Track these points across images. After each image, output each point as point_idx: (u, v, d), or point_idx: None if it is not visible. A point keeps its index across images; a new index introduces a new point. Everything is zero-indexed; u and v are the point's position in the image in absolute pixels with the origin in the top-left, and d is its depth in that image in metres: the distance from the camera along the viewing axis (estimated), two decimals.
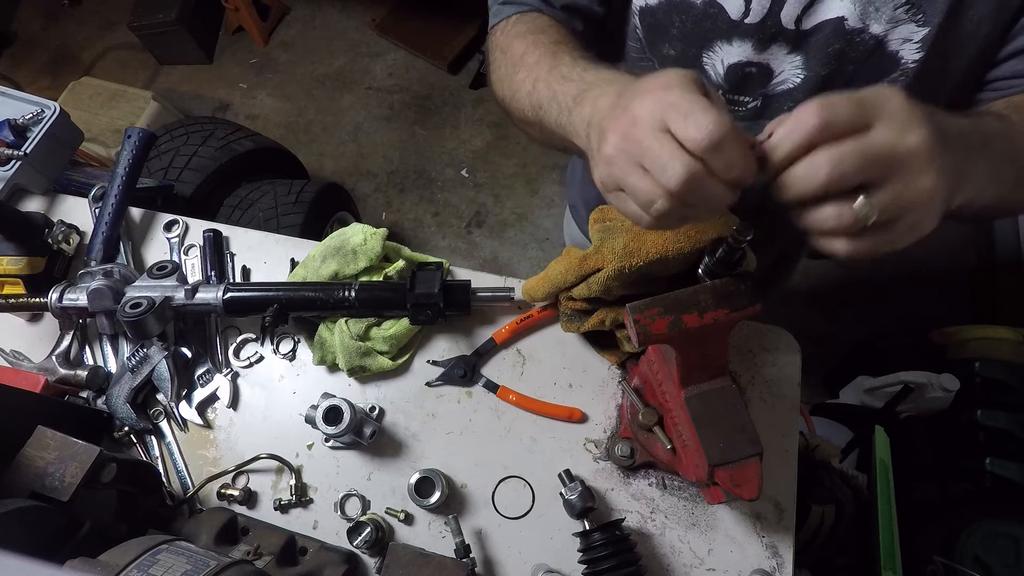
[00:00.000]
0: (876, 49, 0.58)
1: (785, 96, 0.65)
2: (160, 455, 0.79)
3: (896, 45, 0.57)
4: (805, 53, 0.60)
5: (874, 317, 2.01)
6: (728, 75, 0.64)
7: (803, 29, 0.58)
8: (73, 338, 0.84)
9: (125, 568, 0.51)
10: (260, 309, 0.77)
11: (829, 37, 0.58)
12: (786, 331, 0.80)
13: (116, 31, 2.96)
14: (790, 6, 0.57)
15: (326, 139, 2.59)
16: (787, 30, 0.59)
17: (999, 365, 1.44)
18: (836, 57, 0.59)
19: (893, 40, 0.57)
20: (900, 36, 0.56)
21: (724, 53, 0.63)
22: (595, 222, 0.69)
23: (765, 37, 0.60)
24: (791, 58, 0.61)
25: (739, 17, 0.59)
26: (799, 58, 0.61)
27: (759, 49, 0.61)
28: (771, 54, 0.61)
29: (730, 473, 0.57)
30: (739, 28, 0.60)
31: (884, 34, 0.57)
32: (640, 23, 0.66)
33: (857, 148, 0.37)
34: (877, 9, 0.55)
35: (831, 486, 1.04)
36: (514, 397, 0.78)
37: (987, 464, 1.35)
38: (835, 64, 0.60)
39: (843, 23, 0.56)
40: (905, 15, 0.54)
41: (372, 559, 0.71)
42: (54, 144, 0.97)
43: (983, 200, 0.47)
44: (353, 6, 2.85)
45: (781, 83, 0.64)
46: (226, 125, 1.85)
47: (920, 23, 0.55)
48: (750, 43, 0.61)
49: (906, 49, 0.57)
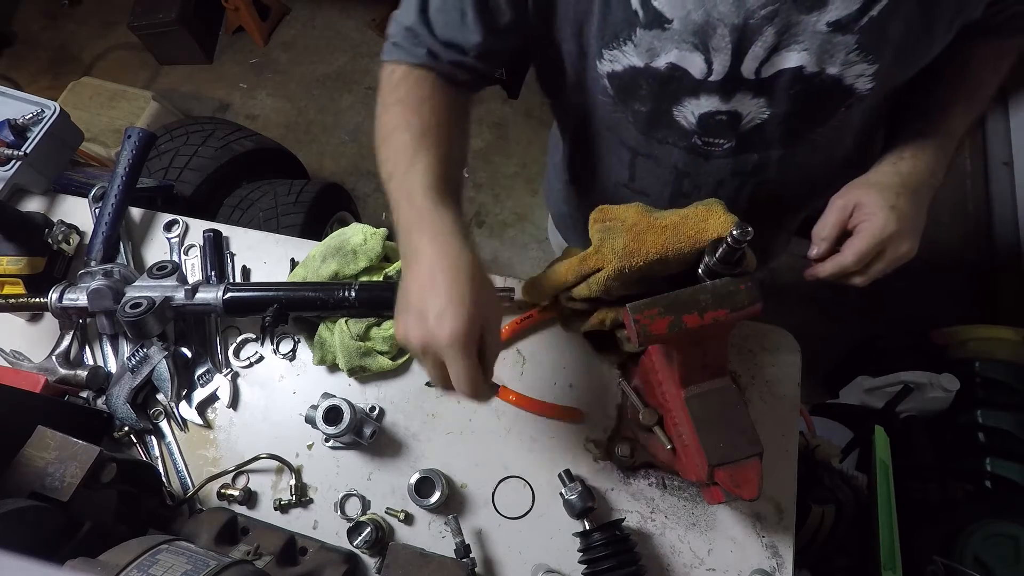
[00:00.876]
0: (833, 85, 0.63)
1: (755, 131, 0.70)
2: (160, 455, 0.79)
3: (851, 80, 0.62)
4: (768, 96, 0.65)
5: (874, 317, 2.01)
6: (700, 123, 0.69)
7: (763, 78, 0.63)
8: (73, 338, 0.84)
9: (125, 568, 0.51)
10: (260, 309, 0.77)
11: (789, 81, 0.62)
12: (786, 331, 0.80)
13: (116, 31, 2.96)
14: (748, 62, 0.61)
15: (326, 139, 2.58)
16: (748, 80, 0.63)
17: (999, 365, 1.44)
18: (798, 96, 0.64)
19: (848, 76, 0.62)
20: (854, 73, 0.61)
21: (692, 107, 0.67)
22: (595, 222, 0.69)
23: (729, 89, 0.64)
24: (756, 101, 0.66)
25: (702, 77, 0.63)
26: (763, 99, 0.65)
27: (725, 100, 0.66)
28: (737, 101, 0.66)
29: (730, 473, 0.57)
30: (704, 85, 0.64)
31: (840, 73, 0.61)
32: (609, 84, 0.69)
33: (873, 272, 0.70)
34: (831, 56, 0.59)
35: (831, 486, 1.04)
36: (514, 397, 0.78)
37: (987, 464, 1.35)
38: (798, 102, 0.65)
39: (802, 70, 0.61)
40: (857, 57, 0.59)
41: (372, 559, 0.71)
42: (54, 144, 0.97)
43: None
44: (353, 6, 2.85)
45: (749, 122, 0.68)
46: (226, 125, 1.84)
47: (871, 61, 0.60)
48: (716, 96, 0.65)
49: (860, 82, 0.63)
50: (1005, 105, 2.18)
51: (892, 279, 0.68)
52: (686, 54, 0.61)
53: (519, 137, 2.48)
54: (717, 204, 0.65)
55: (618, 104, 0.71)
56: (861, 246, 0.65)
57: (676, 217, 0.64)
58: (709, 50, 0.60)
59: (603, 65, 0.66)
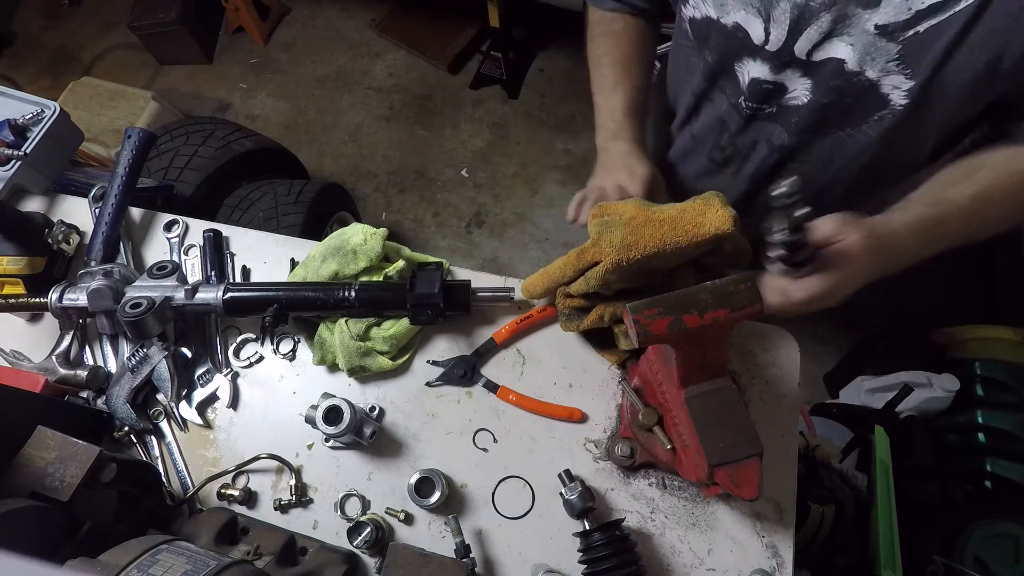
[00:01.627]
0: (870, 90, 0.67)
1: (794, 110, 0.76)
2: (160, 455, 0.79)
3: (887, 89, 0.66)
4: (814, 79, 0.70)
5: (874, 317, 2.01)
6: (750, 86, 0.77)
7: (813, 60, 0.68)
8: (73, 338, 0.84)
9: (125, 568, 0.51)
10: (260, 309, 0.77)
11: (832, 73, 0.67)
12: (786, 331, 0.80)
13: (116, 31, 2.96)
14: (803, 42, 0.67)
15: (326, 139, 2.58)
16: (799, 59, 0.69)
17: (999, 365, 1.44)
18: (836, 90, 0.69)
19: (884, 85, 0.66)
20: (891, 83, 0.65)
21: (749, 67, 0.75)
22: (593, 217, 0.69)
23: (781, 63, 0.71)
24: (803, 80, 0.72)
25: (760, 43, 0.70)
26: (809, 82, 0.71)
27: (776, 71, 0.72)
28: (786, 76, 0.72)
29: (730, 473, 0.57)
30: (760, 51, 0.71)
31: (877, 79, 0.65)
32: (690, 28, 0.79)
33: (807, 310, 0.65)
34: (873, 59, 0.64)
35: (831, 486, 1.05)
36: (514, 397, 0.78)
37: (987, 464, 1.35)
38: (835, 96, 0.70)
39: (843, 65, 0.66)
40: (895, 68, 0.64)
41: (372, 559, 0.71)
42: (54, 144, 0.97)
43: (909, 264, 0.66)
44: (353, 6, 2.85)
45: (793, 99, 0.74)
46: (226, 125, 1.84)
47: (908, 76, 0.64)
48: (769, 65, 0.72)
49: (895, 94, 0.66)
50: None
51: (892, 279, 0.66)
52: (750, 18, 0.69)
53: (519, 137, 2.48)
54: (715, 198, 0.65)
55: (695, 49, 0.81)
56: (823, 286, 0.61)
57: (674, 211, 0.65)
58: (770, 20, 0.67)
59: (687, 10, 0.77)
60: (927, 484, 1.29)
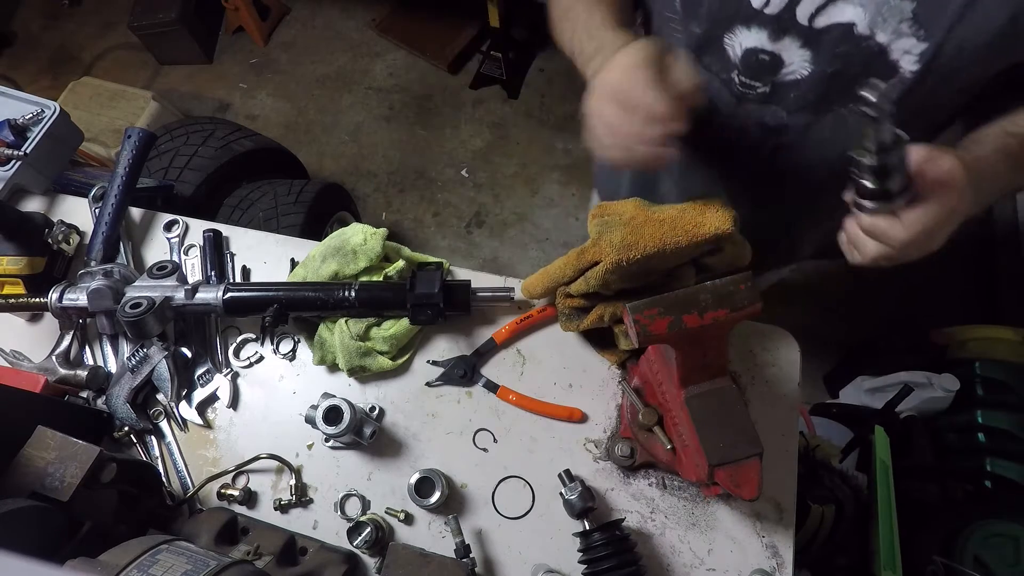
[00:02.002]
0: (879, 56, 0.62)
1: (792, 86, 0.70)
2: (160, 455, 0.79)
3: (897, 55, 0.62)
4: (815, 50, 0.65)
5: (874, 317, 2.01)
6: (743, 58, 0.70)
7: (815, 27, 0.63)
8: (73, 338, 0.84)
9: (125, 568, 0.51)
10: (260, 309, 0.77)
11: (838, 39, 0.63)
12: (786, 331, 0.80)
13: (116, 31, 2.96)
14: (805, 4, 0.62)
15: (326, 139, 2.58)
16: (801, 26, 0.64)
17: (999, 365, 1.44)
18: (842, 58, 0.64)
19: (895, 50, 0.61)
20: (901, 48, 0.61)
21: (742, 37, 0.69)
22: (593, 217, 0.70)
23: (780, 28, 0.65)
24: (802, 52, 0.66)
25: (760, 6, 0.65)
26: (809, 53, 0.66)
27: (773, 39, 0.67)
28: (784, 46, 0.67)
29: (730, 473, 0.57)
30: (758, 16, 0.66)
31: (888, 43, 0.61)
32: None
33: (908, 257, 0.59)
34: (884, 20, 0.59)
35: (831, 486, 1.05)
36: (514, 397, 0.78)
37: (987, 464, 1.35)
38: (840, 64, 0.65)
39: (852, 28, 0.61)
40: (908, 29, 0.59)
41: (372, 559, 0.71)
42: (54, 144, 0.97)
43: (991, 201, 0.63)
44: (353, 6, 2.85)
45: (790, 73, 0.69)
46: (226, 125, 1.84)
47: (921, 38, 0.59)
48: (766, 32, 0.66)
49: (905, 60, 0.62)
50: None
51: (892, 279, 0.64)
52: None
53: (519, 137, 2.48)
54: (715, 198, 0.65)
55: (680, 21, 0.74)
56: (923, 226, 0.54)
57: (674, 211, 0.65)
58: None
59: None
60: (927, 484, 1.29)
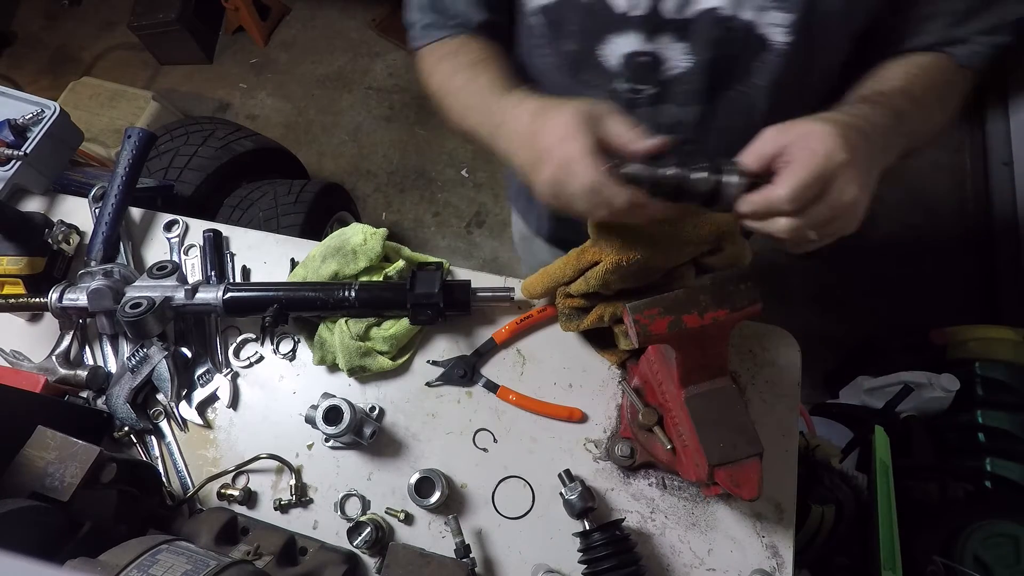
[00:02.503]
0: (749, 34, 0.64)
1: (677, 81, 0.70)
2: (160, 455, 0.79)
3: (765, 29, 0.63)
4: (690, 40, 0.66)
5: (874, 317, 2.01)
6: (625, 64, 0.70)
7: (684, 18, 0.64)
8: (73, 338, 0.84)
9: (125, 568, 0.51)
10: (260, 309, 0.77)
11: (708, 25, 0.64)
12: (786, 331, 0.80)
13: (116, 31, 2.96)
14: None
15: (326, 139, 2.58)
16: (670, 20, 0.64)
17: (999, 365, 1.44)
18: (716, 43, 0.65)
19: (763, 25, 0.63)
20: (768, 21, 0.62)
21: (617, 45, 0.68)
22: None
23: (652, 28, 0.66)
24: (678, 46, 0.67)
25: (625, 10, 0.65)
26: (685, 45, 0.67)
27: (648, 39, 0.67)
28: (659, 43, 0.67)
29: (730, 473, 0.57)
30: (627, 21, 0.66)
31: (755, 20, 0.62)
32: (544, 19, 0.71)
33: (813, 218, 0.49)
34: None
35: (831, 486, 1.05)
36: (514, 397, 0.78)
37: (987, 464, 1.35)
38: (716, 50, 0.66)
39: (716, 12, 0.62)
40: (770, 3, 0.61)
41: (372, 559, 0.71)
42: (54, 144, 0.97)
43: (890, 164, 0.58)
44: (353, 6, 2.85)
45: (671, 69, 0.69)
46: (226, 125, 1.84)
47: (784, 9, 0.61)
48: (640, 34, 0.67)
49: (776, 32, 0.63)
50: (1005, 105, 2.18)
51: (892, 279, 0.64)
52: None
53: None
54: None
55: (550, 43, 0.73)
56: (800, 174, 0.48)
57: (674, 211, 0.64)
58: None
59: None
60: (927, 484, 1.29)
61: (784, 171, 0.49)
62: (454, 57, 0.74)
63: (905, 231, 2.15)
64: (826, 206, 0.49)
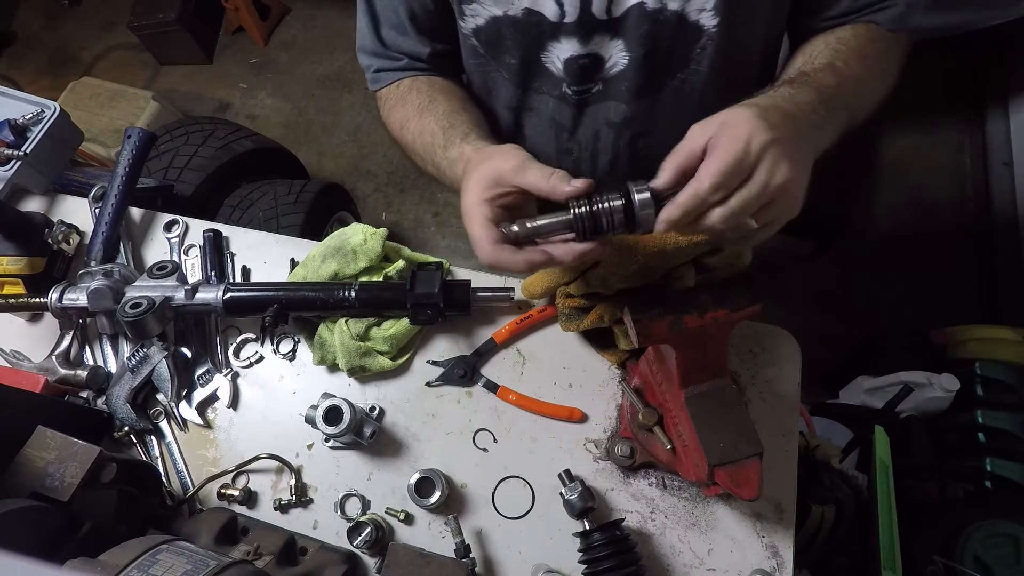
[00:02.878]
0: (680, 22, 0.65)
1: (619, 77, 0.72)
2: (160, 455, 0.79)
3: (695, 15, 0.64)
4: (624, 37, 0.67)
5: (874, 317, 2.01)
6: (566, 69, 0.72)
7: (614, 17, 0.65)
8: (73, 338, 0.84)
9: (125, 568, 0.51)
10: (260, 309, 0.77)
11: (637, 20, 0.65)
12: (786, 331, 0.80)
13: (116, 31, 2.96)
14: (597, 1, 0.64)
15: (326, 139, 2.58)
16: (601, 20, 0.65)
17: (999, 365, 1.44)
18: (649, 36, 0.66)
19: (691, 12, 0.64)
20: (695, 7, 0.63)
21: (557, 51, 0.70)
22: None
23: (586, 31, 0.67)
24: (614, 43, 0.68)
25: (557, 19, 0.66)
26: (620, 42, 0.68)
27: (584, 42, 0.68)
28: (596, 44, 0.68)
29: (730, 473, 0.57)
30: (561, 28, 0.67)
31: (681, 8, 0.63)
32: (478, 41, 0.73)
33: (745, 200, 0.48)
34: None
35: (831, 486, 1.04)
36: (514, 397, 0.78)
37: (987, 464, 1.35)
38: (651, 42, 0.67)
39: (644, 6, 0.63)
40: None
41: (372, 559, 0.71)
42: (54, 144, 0.97)
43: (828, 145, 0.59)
44: (353, 6, 2.83)
45: (612, 66, 0.71)
46: (226, 125, 1.84)
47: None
48: (575, 38, 0.68)
49: (704, 17, 0.64)
50: (1005, 105, 2.18)
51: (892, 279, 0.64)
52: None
53: None
54: None
55: (491, 61, 0.75)
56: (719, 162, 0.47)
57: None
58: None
59: (467, 22, 0.70)
60: (927, 484, 1.29)
61: (706, 160, 0.48)
62: (402, 106, 0.77)
63: (905, 231, 2.15)
64: (756, 187, 0.47)
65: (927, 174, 2.24)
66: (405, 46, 0.77)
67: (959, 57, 2.30)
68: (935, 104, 2.27)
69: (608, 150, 0.81)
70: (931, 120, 2.29)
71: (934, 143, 2.28)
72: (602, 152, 0.81)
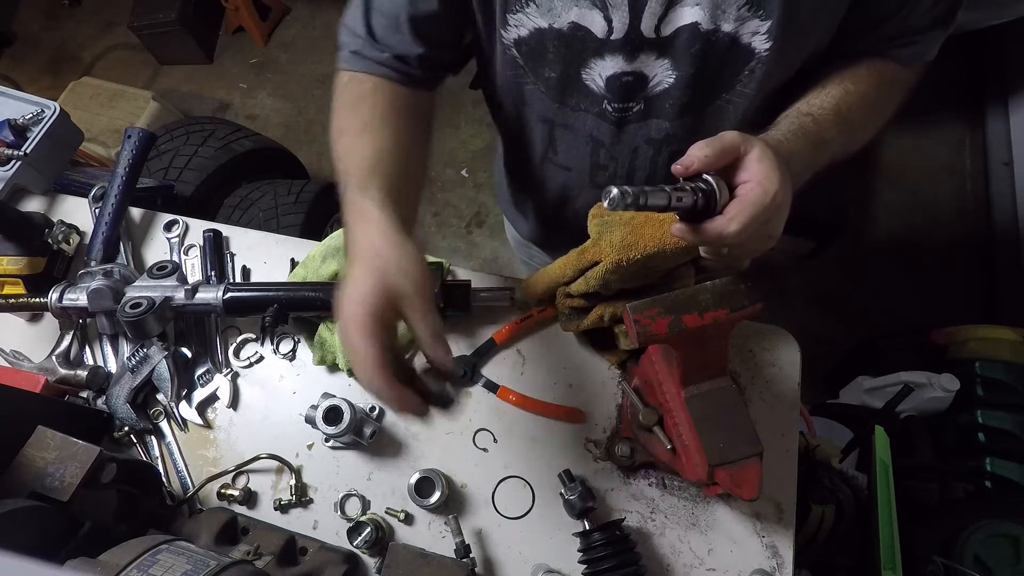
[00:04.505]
0: (732, 45, 0.64)
1: (664, 96, 0.70)
2: (160, 455, 0.79)
3: (748, 38, 0.63)
4: (671, 57, 0.66)
5: (874, 317, 2.01)
6: (608, 86, 0.70)
7: (663, 36, 0.64)
8: (73, 338, 0.84)
9: (125, 568, 0.51)
10: (260, 309, 0.77)
11: (689, 40, 0.64)
12: (786, 331, 0.80)
13: (116, 31, 2.96)
14: (647, 19, 0.63)
15: (326, 139, 2.54)
16: (649, 39, 0.64)
17: (999, 365, 1.44)
18: (699, 56, 0.65)
19: (744, 35, 0.63)
20: (749, 30, 0.62)
21: (600, 68, 0.68)
22: (593, 216, 0.70)
23: (632, 48, 0.66)
24: (660, 62, 0.67)
25: (604, 35, 0.65)
26: (667, 61, 0.67)
27: (629, 60, 0.67)
28: (641, 62, 0.67)
29: (730, 473, 0.57)
30: (607, 45, 0.65)
31: (735, 31, 0.62)
32: (518, 52, 0.71)
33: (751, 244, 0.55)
34: (724, 11, 0.61)
35: (831, 486, 1.04)
36: (514, 397, 0.78)
37: (987, 464, 1.35)
38: (700, 63, 0.66)
39: (697, 27, 0.62)
40: (748, 13, 0.61)
41: (372, 559, 0.71)
42: (54, 144, 0.97)
43: None
44: None
45: (657, 85, 0.69)
46: (226, 125, 1.84)
47: (763, 17, 0.61)
48: (620, 56, 0.66)
49: (757, 40, 0.63)
50: (1005, 105, 2.18)
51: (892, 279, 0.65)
52: (586, 12, 0.63)
53: None
54: None
55: (529, 73, 0.73)
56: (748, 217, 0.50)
57: None
58: (607, 7, 0.62)
59: (509, 32, 0.68)
60: (927, 484, 1.29)
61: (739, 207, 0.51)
62: (351, 112, 0.71)
63: (905, 231, 2.15)
64: (758, 236, 0.53)
65: (927, 174, 2.24)
66: (394, 43, 0.73)
67: (959, 57, 2.30)
68: (935, 104, 2.27)
69: (646, 167, 0.80)
70: (931, 119, 2.29)
71: (934, 142, 2.28)
72: (639, 169, 0.80)
